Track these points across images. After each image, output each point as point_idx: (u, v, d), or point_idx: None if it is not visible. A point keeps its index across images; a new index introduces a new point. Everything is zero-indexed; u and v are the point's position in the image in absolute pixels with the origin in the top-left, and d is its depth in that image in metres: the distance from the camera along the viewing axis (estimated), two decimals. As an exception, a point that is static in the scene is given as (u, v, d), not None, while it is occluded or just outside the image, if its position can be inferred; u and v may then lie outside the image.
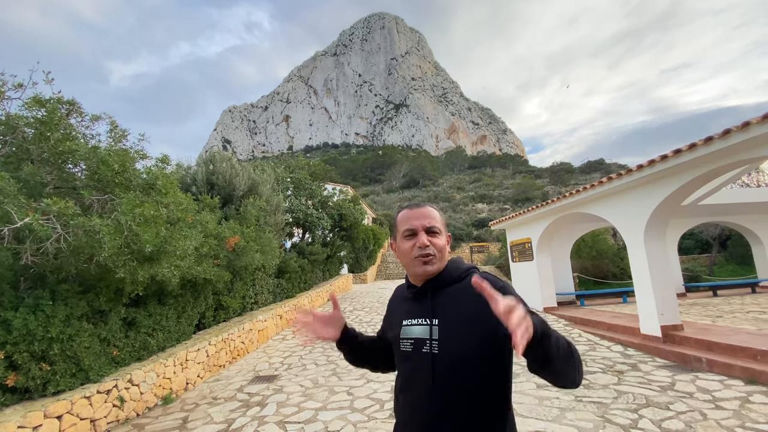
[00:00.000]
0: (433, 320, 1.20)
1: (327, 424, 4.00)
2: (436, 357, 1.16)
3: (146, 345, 5.24)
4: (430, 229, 1.24)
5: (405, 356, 1.26)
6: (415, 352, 1.21)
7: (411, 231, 1.25)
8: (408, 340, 1.25)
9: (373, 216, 33.30)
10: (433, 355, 1.16)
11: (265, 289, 9.43)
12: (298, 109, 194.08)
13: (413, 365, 1.22)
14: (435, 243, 1.23)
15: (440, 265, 1.24)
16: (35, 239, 3.57)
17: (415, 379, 1.21)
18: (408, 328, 1.26)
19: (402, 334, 1.28)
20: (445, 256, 1.26)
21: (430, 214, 1.26)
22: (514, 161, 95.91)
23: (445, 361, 1.15)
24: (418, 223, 1.25)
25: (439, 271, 1.24)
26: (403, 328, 1.28)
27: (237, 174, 9.56)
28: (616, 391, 4.47)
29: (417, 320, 1.25)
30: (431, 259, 1.22)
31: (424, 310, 1.24)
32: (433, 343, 1.17)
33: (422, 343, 1.20)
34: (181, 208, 5.04)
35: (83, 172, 4.52)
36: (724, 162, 5.03)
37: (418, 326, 1.23)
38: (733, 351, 5.06)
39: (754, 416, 3.58)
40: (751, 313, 8.36)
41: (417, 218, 1.26)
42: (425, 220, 1.25)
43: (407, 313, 1.29)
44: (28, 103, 4.07)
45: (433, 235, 1.24)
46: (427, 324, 1.21)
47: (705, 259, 18.57)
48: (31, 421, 3.51)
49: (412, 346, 1.22)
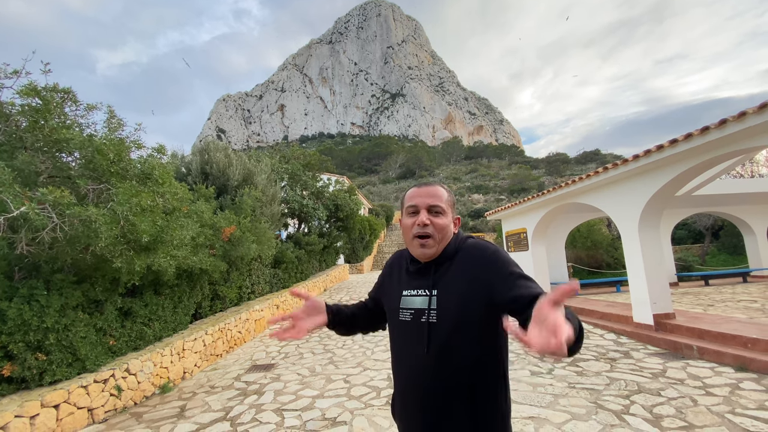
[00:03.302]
0: (432, 291, 1.21)
1: (324, 411, 4.05)
2: (432, 326, 1.17)
3: (143, 335, 5.25)
4: (432, 207, 1.24)
5: (403, 326, 1.27)
6: (414, 322, 1.23)
7: (414, 208, 1.26)
8: (408, 309, 1.25)
9: (369, 206, 33.29)
10: (429, 324, 1.18)
11: (261, 279, 9.44)
12: (293, 98, 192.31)
13: (410, 334, 1.23)
14: (436, 222, 1.22)
15: (439, 248, 1.24)
16: (30, 229, 3.54)
17: (411, 347, 1.23)
18: (409, 299, 1.27)
19: (402, 303, 1.28)
20: (447, 236, 1.25)
21: (436, 193, 1.26)
22: (510, 152, 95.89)
23: (440, 330, 1.16)
24: (422, 200, 1.25)
25: (438, 253, 1.24)
26: (403, 298, 1.29)
27: (232, 164, 9.49)
28: (608, 377, 4.55)
29: (418, 291, 1.25)
30: (428, 241, 1.22)
31: (426, 283, 1.24)
32: (431, 313, 1.19)
33: (422, 313, 1.21)
34: (177, 197, 5.01)
35: (78, 162, 4.47)
36: (719, 152, 5.05)
37: (419, 297, 1.24)
38: (724, 339, 5.14)
39: (744, 402, 3.66)
40: (742, 302, 8.49)
41: (421, 196, 1.26)
42: (429, 198, 1.25)
43: (408, 283, 1.30)
44: (23, 91, 4.00)
45: (435, 215, 1.24)
46: (426, 295, 1.22)
47: (697, 249, 18.76)
48: (28, 411, 3.52)
49: (412, 316, 1.24)
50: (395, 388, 1.33)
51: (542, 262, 10.05)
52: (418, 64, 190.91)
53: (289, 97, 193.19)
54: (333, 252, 16.34)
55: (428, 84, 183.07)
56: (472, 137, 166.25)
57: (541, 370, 4.91)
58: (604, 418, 3.51)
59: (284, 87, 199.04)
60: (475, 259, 1.19)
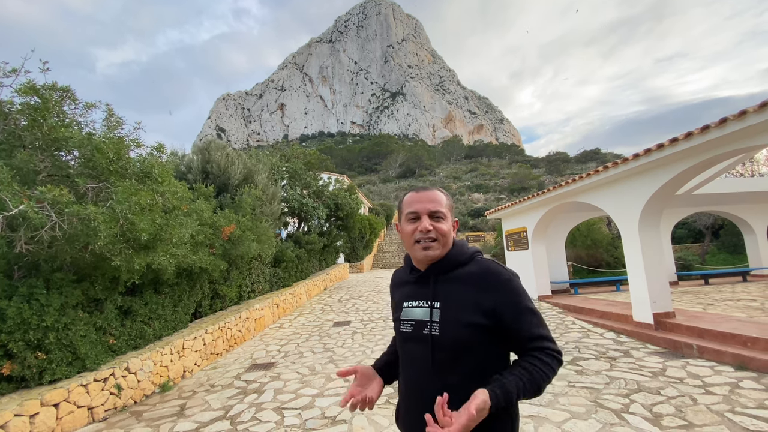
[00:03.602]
0: (434, 303, 1.20)
1: (324, 410, 4.05)
2: (436, 339, 1.17)
3: (143, 333, 5.25)
4: (434, 213, 1.23)
5: (406, 337, 1.26)
6: (415, 334, 1.22)
7: (414, 214, 1.24)
8: (409, 321, 1.25)
9: (370, 206, 33.29)
10: (433, 337, 1.17)
11: (261, 278, 9.43)
12: (293, 97, 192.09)
13: (413, 347, 1.23)
14: (438, 228, 1.22)
15: (443, 251, 1.23)
16: (29, 227, 3.53)
17: (415, 360, 1.22)
18: (409, 310, 1.26)
19: (403, 315, 1.28)
20: (449, 241, 1.25)
21: (435, 198, 1.25)
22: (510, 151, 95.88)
23: (445, 344, 1.15)
24: (422, 206, 1.23)
25: (441, 256, 1.23)
26: (404, 309, 1.28)
27: (232, 163, 9.48)
28: (608, 376, 4.55)
29: (418, 302, 1.25)
30: (432, 244, 1.21)
31: (426, 293, 1.24)
32: (433, 326, 1.18)
33: (423, 325, 1.20)
34: (177, 196, 5.00)
35: (77, 160, 4.46)
36: (719, 151, 5.04)
37: (419, 308, 1.23)
38: (724, 338, 5.14)
39: (744, 401, 3.66)
40: (741, 301, 8.48)
41: (421, 202, 1.24)
42: (429, 204, 1.23)
43: (408, 295, 1.30)
44: (22, 90, 3.99)
45: (437, 220, 1.23)
46: (428, 306, 1.21)
47: (697, 248, 18.76)
48: (28, 409, 3.52)
49: (413, 328, 1.23)
50: (400, 396, 1.32)
51: (542, 261, 10.05)
52: (419, 63, 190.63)
53: (289, 96, 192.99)
54: (333, 251, 16.33)
55: (428, 83, 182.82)
56: (472, 136, 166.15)
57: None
58: (604, 417, 3.51)
59: (284, 86, 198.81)
60: (488, 282, 1.18)
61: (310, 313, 9.91)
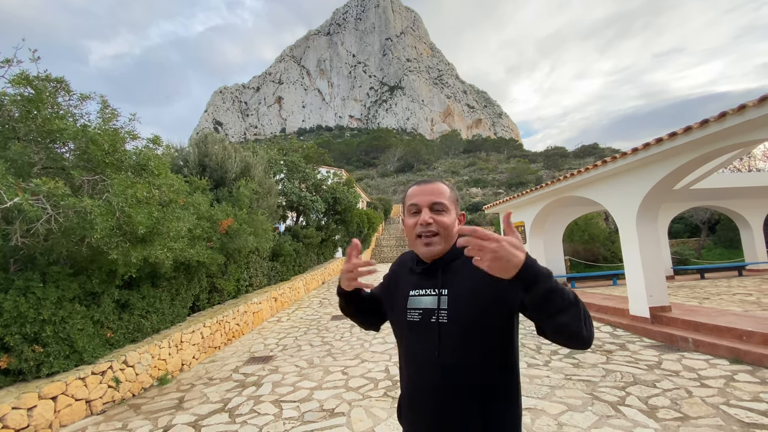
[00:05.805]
0: (442, 290, 1.18)
1: (322, 402, 4.06)
2: (443, 327, 1.15)
3: (140, 327, 5.24)
4: (435, 205, 1.20)
5: (411, 326, 1.23)
6: (423, 322, 1.19)
7: (415, 207, 1.22)
8: (416, 310, 1.22)
9: (368, 200, 33.22)
10: (439, 324, 1.15)
11: (259, 272, 9.43)
12: (290, 91, 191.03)
13: (419, 335, 1.20)
14: (439, 221, 1.19)
15: (445, 246, 1.21)
16: (25, 220, 3.51)
17: (420, 348, 1.20)
18: (416, 298, 1.24)
19: (410, 303, 1.25)
20: (452, 234, 1.21)
21: (438, 191, 1.22)
22: (508, 145, 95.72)
23: (451, 330, 1.14)
24: (423, 198, 1.21)
25: (444, 252, 1.21)
26: (410, 298, 1.25)
27: (229, 156, 9.43)
28: (604, 369, 4.58)
29: (425, 290, 1.22)
30: (433, 239, 1.19)
31: (434, 283, 1.21)
32: (441, 313, 1.16)
33: (431, 313, 1.18)
34: (173, 189, 4.97)
35: (72, 152, 4.42)
36: (718, 145, 5.03)
37: (427, 296, 1.21)
38: (719, 331, 5.18)
39: (739, 394, 3.69)
40: (737, 295, 8.54)
41: (423, 194, 1.22)
42: (431, 196, 1.21)
43: (415, 284, 1.27)
44: (15, 80, 3.93)
45: (438, 213, 1.20)
46: (435, 294, 1.19)
47: (694, 242, 18.85)
48: (26, 402, 3.52)
49: (420, 316, 1.20)
50: (403, 390, 1.29)
51: (540, 255, 10.08)
52: (417, 57, 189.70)
53: (287, 90, 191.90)
54: (331, 245, 16.34)
55: (427, 77, 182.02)
56: (470, 130, 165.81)
57: (538, 362, 4.94)
58: (600, 409, 3.54)
59: (282, 79, 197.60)
60: None
61: (309, 306, 9.93)
